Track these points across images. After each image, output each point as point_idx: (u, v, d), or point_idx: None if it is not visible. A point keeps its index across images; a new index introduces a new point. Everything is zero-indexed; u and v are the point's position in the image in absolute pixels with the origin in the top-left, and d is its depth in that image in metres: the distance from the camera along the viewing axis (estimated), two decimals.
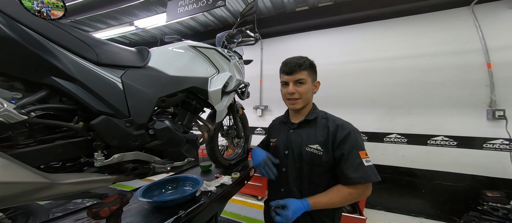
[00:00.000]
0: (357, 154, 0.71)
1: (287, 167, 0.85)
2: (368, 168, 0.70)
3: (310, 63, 0.83)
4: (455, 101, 2.23)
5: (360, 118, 2.62)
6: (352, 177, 0.69)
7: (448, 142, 2.23)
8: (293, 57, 0.85)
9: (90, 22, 3.15)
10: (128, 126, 0.57)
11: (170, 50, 0.77)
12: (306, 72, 0.82)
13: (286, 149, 0.87)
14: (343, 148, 0.73)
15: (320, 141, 0.78)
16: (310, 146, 0.79)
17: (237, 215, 2.34)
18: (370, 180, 0.69)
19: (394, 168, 2.44)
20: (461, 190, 2.15)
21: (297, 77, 0.81)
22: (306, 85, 0.82)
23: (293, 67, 0.81)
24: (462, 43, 2.22)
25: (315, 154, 0.77)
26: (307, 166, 0.79)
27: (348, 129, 0.75)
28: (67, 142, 0.51)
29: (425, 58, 2.37)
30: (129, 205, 0.82)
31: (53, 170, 0.54)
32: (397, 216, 2.33)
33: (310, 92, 0.84)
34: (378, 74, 2.59)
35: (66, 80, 0.46)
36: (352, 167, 0.70)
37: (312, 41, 3.03)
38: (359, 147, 0.73)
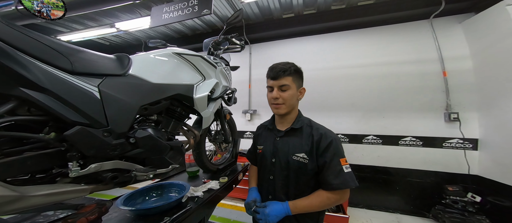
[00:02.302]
0: (338, 161, 0.75)
1: (274, 175, 0.87)
2: (347, 175, 0.74)
3: (295, 69, 0.84)
4: (419, 105, 2.49)
5: (341, 120, 2.79)
6: (333, 183, 0.73)
7: (415, 142, 2.48)
8: (279, 62, 0.86)
9: (65, 23, 2.94)
10: (106, 136, 0.55)
11: (152, 57, 0.75)
12: (291, 78, 0.83)
13: (273, 157, 0.88)
14: (325, 156, 0.76)
15: (306, 149, 0.80)
16: (297, 155, 0.81)
17: (226, 220, 2.30)
18: (349, 186, 0.73)
19: (372, 167, 2.62)
20: (428, 186, 2.38)
21: (281, 83, 0.83)
22: (290, 92, 0.83)
23: (278, 73, 0.82)
24: (422, 53, 2.52)
25: (302, 162, 0.79)
26: (293, 174, 0.81)
27: (330, 137, 0.78)
28: (37, 154, 0.48)
29: (394, 66, 2.63)
30: (109, 214, 0.78)
31: (21, 182, 0.50)
32: (377, 213, 2.49)
33: (294, 98, 0.85)
34: (355, 79, 2.80)
35: (36, 91, 0.43)
36: (333, 174, 0.74)
37: (298, 47, 3.17)
38: (340, 154, 0.77)
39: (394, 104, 2.59)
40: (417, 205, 2.42)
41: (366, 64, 2.75)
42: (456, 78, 2.35)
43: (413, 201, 2.44)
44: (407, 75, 2.55)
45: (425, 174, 2.39)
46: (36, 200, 0.45)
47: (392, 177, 2.54)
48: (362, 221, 2.31)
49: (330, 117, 2.81)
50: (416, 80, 2.51)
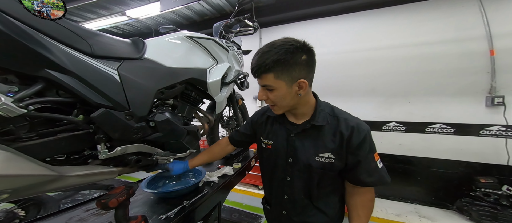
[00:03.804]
0: (372, 157, 0.65)
1: (292, 176, 0.73)
2: (382, 170, 0.67)
3: (276, 60, 0.57)
4: (454, 89, 2.22)
5: (359, 106, 2.62)
6: (367, 181, 0.65)
7: (446, 129, 2.26)
8: (261, 50, 0.62)
9: (79, 12, 3.01)
10: (128, 119, 0.57)
11: (166, 41, 0.75)
12: (272, 74, 0.59)
13: (288, 156, 0.73)
14: (359, 154, 0.64)
15: (332, 148, 0.66)
16: (321, 155, 0.67)
17: (239, 204, 2.43)
18: (385, 182, 0.66)
19: (392, 156, 2.49)
20: (455, 176, 2.22)
21: (262, 83, 0.64)
22: (276, 92, 0.62)
23: (255, 71, 0.62)
24: (466, 30, 2.17)
25: (327, 162, 0.67)
26: (317, 176, 0.69)
27: (364, 131, 0.65)
28: (69, 135, 0.52)
29: (426, 46, 2.32)
30: (135, 196, 0.85)
31: (58, 163, 0.55)
32: (393, 203, 2.42)
33: (288, 97, 0.63)
34: (378, 63, 2.55)
35: (61, 73, 0.45)
36: (367, 171, 0.65)
37: (312, 30, 2.95)
38: (374, 149, 0.67)
39: (422, 89, 2.34)
40: (439, 196, 2.29)
41: (390, 46, 2.48)
42: (507, 58, 2.01)
43: (435, 192, 2.31)
44: (443, 56, 2.25)
45: (453, 164, 2.22)
46: (73, 180, 0.49)
47: (413, 166, 2.40)
48: (376, 210, 2.26)
49: (346, 102, 2.64)
50: (454, 61, 2.21)
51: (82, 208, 0.80)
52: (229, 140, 0.95)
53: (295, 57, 0.59)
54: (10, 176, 0.35)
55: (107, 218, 0.71)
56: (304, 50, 0.60)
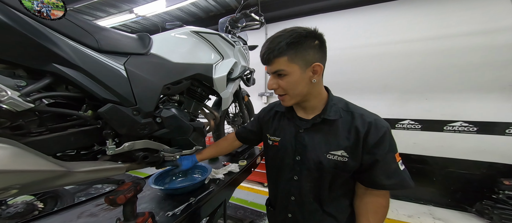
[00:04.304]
0: (392, 158, 0.59)
1: (300, 176, 0.68)
2: (404, 173, 0.60)
3: (290, 43, 0.56)
4: (478, 84, 2.06)
5: (370, 103, 2.51)
6: (386, 184, 0.58)
7: (467, 127, 2.11)
8: (271, 37, 0.60)
9: (89, 11, 3.09)
10: (135, 114, 0.57)
11: (172, 36, 0.74)
12: (285, 58, 0.56)
13: (297, 154, 0.68)
14: (376, 153, 0.58)
15: (346, 145, 0.60)
16: (332, 153, 0.61)
17: (244, 201, 2.44)
18: (408, 185, 0.59)
19: (405, 155, 2.38)
20: (476, 178, 2.08)
21: (273, 69, 0.60)
22: (289, 77, 0.59)
23: (265, 57, 0.59)
24: (493, 22, 1.99)
25: (339, 161, 0.61)
26: (328, 176, 0.64)
27: (383, 128, 0.59)
28: (78, 130, 0.52)
29: (445, 40, 2.16)
30: (143, 192, 0.85)
31: (69, 158, 0.56)
32: (405, 204, 2.33)
33: (301, 84, 0.59)
34: (391, 58, 2.42)
35: (68, 68, 0.44)
36: (386, 173, 0.58)
37: (320, 25, 2.77)
38: (394, 149, 0.60)
39: (441, 85, 2.20)
40: (457, 198, 2.17)
41: (405, 40, 2.34)
42: None
43: (452, 194, 2.19)
44: (465, 50, 2.09)
45: (474, 165, 2.08)
46: (81, 176, 0.49)
47: (428, 166, 2.28)
48: None
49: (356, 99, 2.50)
50: (477, 55, 2.04)
51: (93, 203, 0.82)
52: (235, 136, 0.92)
53: (308, 41, 0.57)
54: (18, 171, 0.35)
55: (116, 213, 0.72)
56: (316, 36, 0.59)
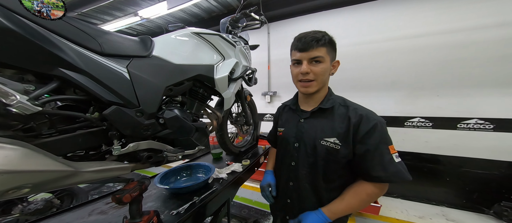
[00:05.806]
0: (386, 149, 0.62)
1: (297, 161, 0.76)
2: (400, 165, 0.62)
3: (330, 39, 0.70)
4: (495, 79, 1.95)
5: (378, 101, 2.45)
6: (381, 175, 0.61)
7: (483, 125, 2.00)
8: (308, 31, 0.71)
9: (96, 14, 3.19)
10: (139, 115, 0.58)
11: (173, 38, 0.75)
12: (325, 49, 0.68)
13: (296, 141, 0.77)
14: (367, 143, 0.63)
15: (339, 133, 0.67)
16: (326, 139, 0.68)
17: (249, 200, 2.45)
18: (404, 178, 0.61)
19: (416, 154, 2.29)
20: (494, 178, 1.97)
21: (313, 55, 0.67)
22: (323, 65, 0.69)
23: (309, 43, 0.67)
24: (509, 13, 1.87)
25: (332, 148, 0.67)
26: (322, 162, 0.70)
27: (374, 120, 0.64)
28: (86, 132, 0.54)
29: (459, 34, 2.06)
30: (149, 191, 0.88)
31: (79, 158, 0.58)
32: (416, 205, 2.24)
33: (327, 73, 0.71)
34: (399, 54, 2.33)
35: (74, 72, 0.46)
36: (380, 164, 0.61)
37: (323, 22, 2.79)
38: (387, 141, 0.63)
39: (454, 80, 2.10)
40: (473, 199, 2.06)
41: (415, 35, 2.25)
42: None
43: (467, 194, 2.09)
44: (481, 43, 1.98)
45: (492, 164, 1.97)
46: (88, 176, 0.51)
47: (441, 166, 2.18)
48: (396, 211, 2.09)
49: (363, 97, 2.47)
50: (495, 49, 1.93)
51: (104, 201, 0.86)
52: (269, 143, 1.04)
53: (335, 44, 0.74)
54: (28, 171, 0.36)
55: (124, 211, 0.75)
56: None
